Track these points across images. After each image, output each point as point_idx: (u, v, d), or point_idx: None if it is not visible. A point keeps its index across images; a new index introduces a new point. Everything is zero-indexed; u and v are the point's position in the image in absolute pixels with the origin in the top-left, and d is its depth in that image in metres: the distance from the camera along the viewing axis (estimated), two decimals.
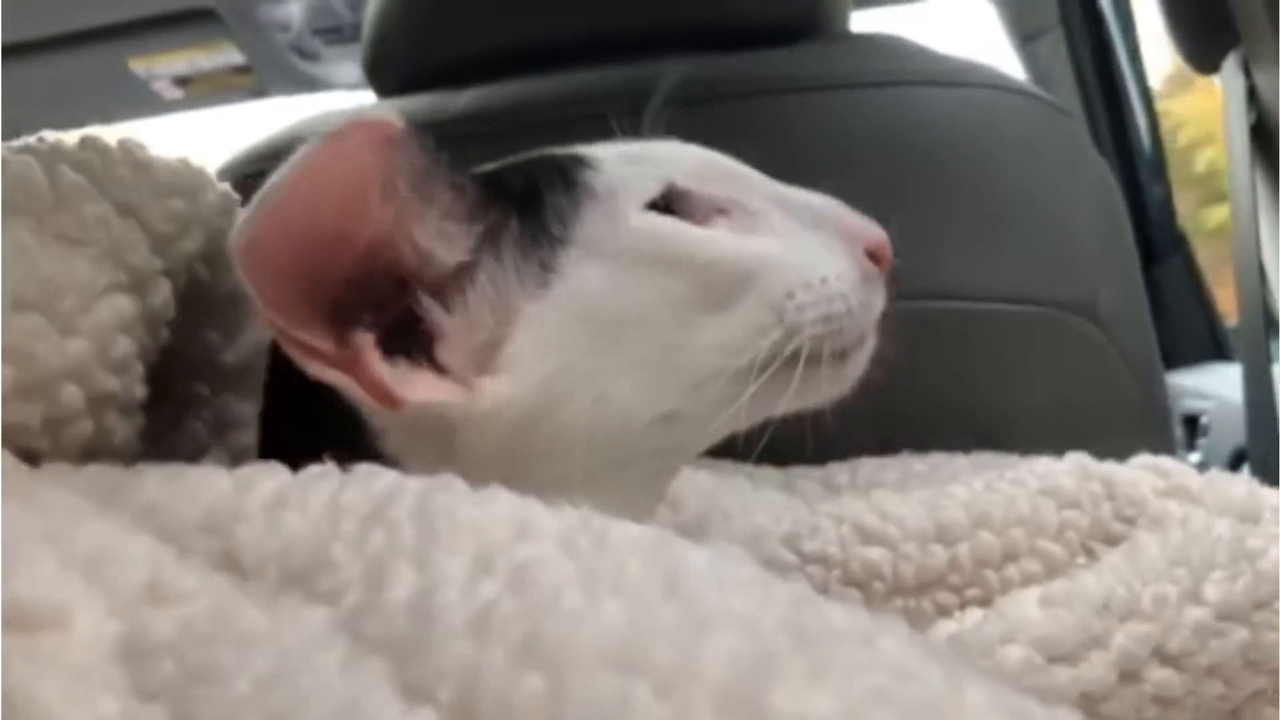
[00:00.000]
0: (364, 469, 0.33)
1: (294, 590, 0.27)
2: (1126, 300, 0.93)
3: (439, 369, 0.49)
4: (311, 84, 2.18)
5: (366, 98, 1.12)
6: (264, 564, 0.29)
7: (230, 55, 2.09)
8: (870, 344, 0.57)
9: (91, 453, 0.42)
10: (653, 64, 0.93)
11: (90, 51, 2.06)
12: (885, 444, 0.80)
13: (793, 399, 0.54)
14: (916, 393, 0.84)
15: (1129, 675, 0.51)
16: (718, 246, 0.53)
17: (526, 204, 0.53)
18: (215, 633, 0.25)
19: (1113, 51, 2.02)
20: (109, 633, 0.26)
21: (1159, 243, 2.04)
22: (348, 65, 2.11)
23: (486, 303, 0.50)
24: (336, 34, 2.02)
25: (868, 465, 0.78)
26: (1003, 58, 2.02)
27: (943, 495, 0.60)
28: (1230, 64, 1.17)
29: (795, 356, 0.53)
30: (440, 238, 0.49)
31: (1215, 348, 2.05)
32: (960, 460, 0.78)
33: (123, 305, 0.45)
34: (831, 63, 0.95)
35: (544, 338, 0.50)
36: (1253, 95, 1.15)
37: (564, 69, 0.96)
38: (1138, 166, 2.06)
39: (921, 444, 0.81)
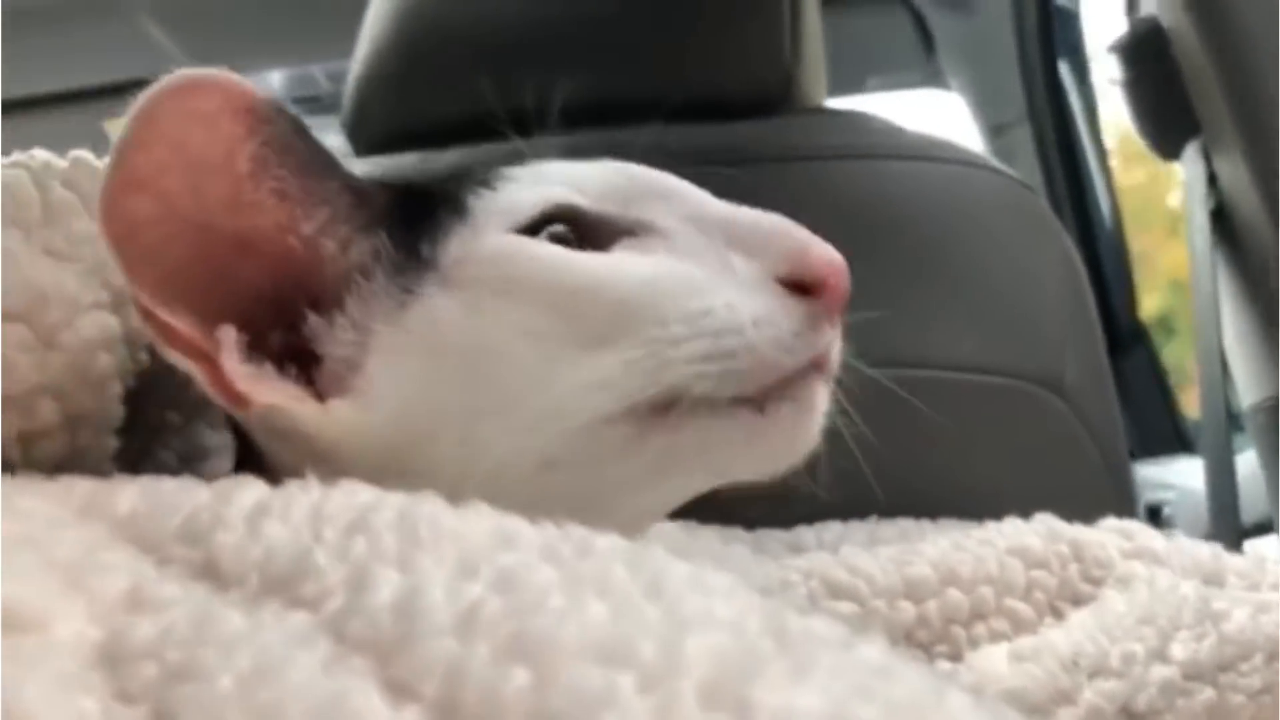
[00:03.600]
0: (345, 485, 0.33)
1: (275, 597, 0.27)
2: (1091, 375, 0.94)
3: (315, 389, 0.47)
4: None
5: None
6: (245, 572, 0.28)
7: None
8: (813, 399, 0.49)
9: (61, 470, 0.42)
10: (629, 130, 0.95)
11: (68, 113, 2.07)
12: (849, 510, 0.80)
13: (712, 458, 0.48)
14: (882, 460, 0.85)
15: None
16: (583, 273, 0.47)
17: (411, 220, 0.50)
18: (196, 636, 0.25)
19: (1079, 147, 2.06)
20: (89, 638, 0.26)
21: (1122, 335, 2.06)
22: (326, 135, 2.12)
23: (351, 321, 0.47)
24: (316, 103, 2.04)
25: (834, 528, 0.78)
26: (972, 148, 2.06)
27: (911, 552, 0.61)
28: (1191, 151, 1.20)
29: (686, 399, 0.46)
30: (330, 237, 0.47)
31: (1177, 440, 2.07)
32: (927, 526, 0.79)
33: (106, 323, 0.44)
34: (799, 135, 0.98)
35: (398, 366, 0.47)
36: (1213, 181, 1.18)
37: (545, 132, 0.97)
38: (1102, 261, 2.09)
39: (886, 510, 0.82)
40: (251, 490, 0.33)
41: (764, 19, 0.98)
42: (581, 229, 0.50)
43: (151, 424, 0.53)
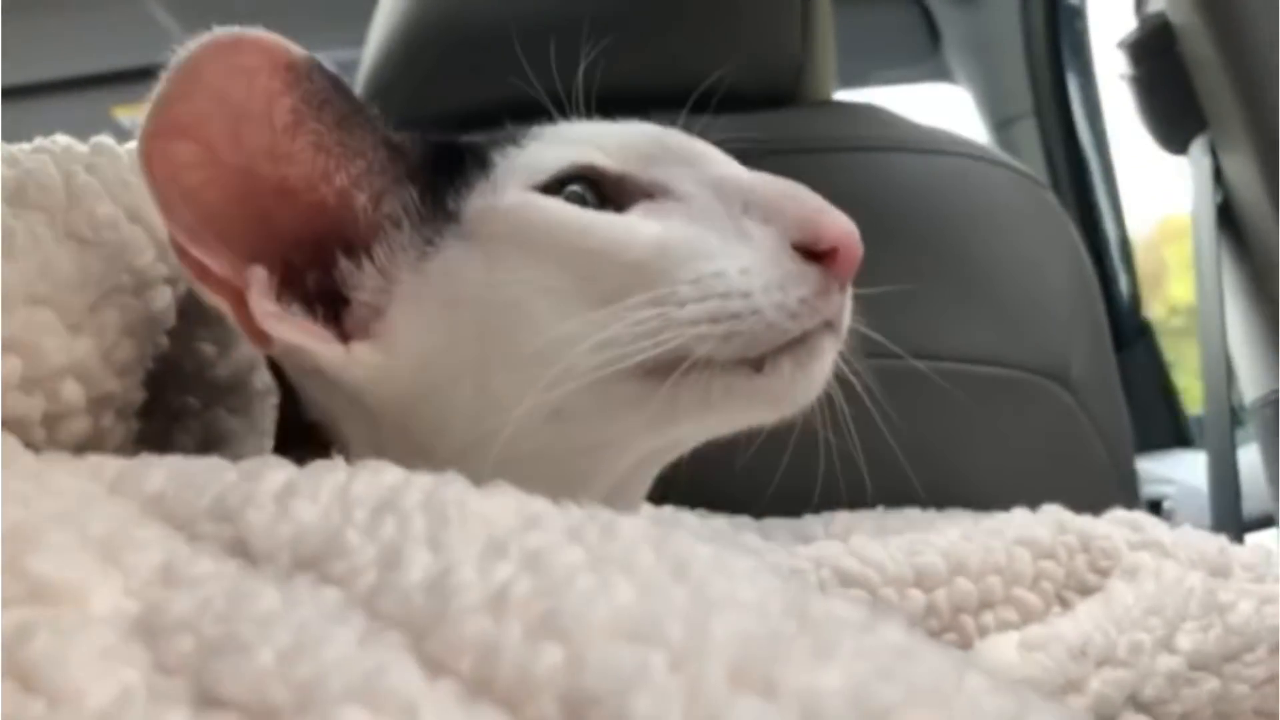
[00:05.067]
0: (370, 464, 0.33)
1: (307, 574, 0.28)
2: (1097, 367, 0.94)
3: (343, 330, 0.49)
4: None
5: None
6: (276, 549, 0.29)
7: None
8: (816, 356, 0.49)
9: (84, 451, 0.42)
10: (646, 121, 0.95)
11: (74, 99, 2.07)
12: (857, 498, 0.81)
13: (712, 412, 0.49)
14: (888, 449, 0.85)
15: None
16: (600, 233, 0.48)
17: (439, 174, 0.51)
18: (233, 611, 0.25)
19: (1083, 142, 2.07)
20: (126, 611, 0.26)
21: (1124, 330, 2.06)
22: None
23: (378, 267, 0.49)
24: None
25: (841, 518, 0.78)
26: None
27: (921, 542, 0.61)
28: (1198, 146, 1.20)
29: (692, 358, 0.47)
30: (363, 189, 0.49)
31: (1177, 435, 2.07)
32: (934, 516, 0.79)
33: (129, 306, 0.45)
34: (812, 127, 0.98)
35: (420, 314, 0.48)
36: (1218, 178, 1.18)
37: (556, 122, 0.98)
38: (1105, 255, 2.09)
39: (894, 499, 0.82)
40: (279, 470, 0.33)
41: (776, 11, 0.98)
42: (602, 188, 0.51)
43: (172, 408, 0.54)
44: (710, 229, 0.49)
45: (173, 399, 0.54)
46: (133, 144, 0.49)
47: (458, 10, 1.02)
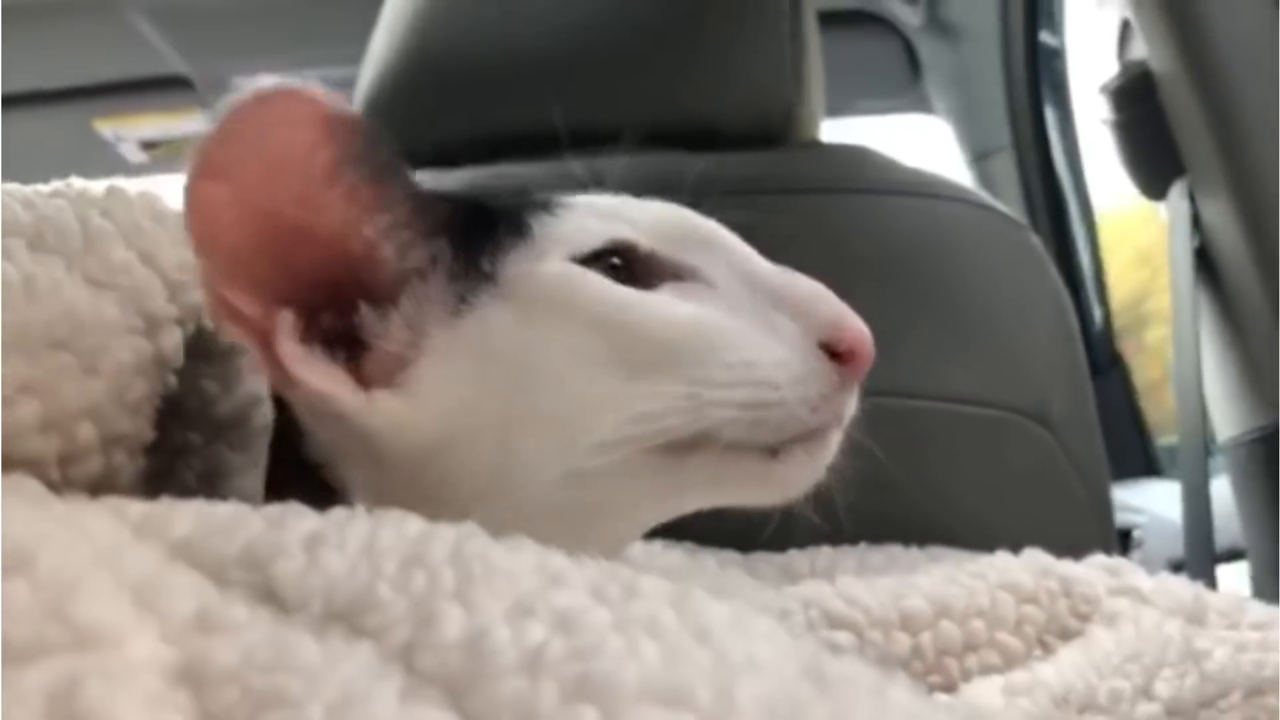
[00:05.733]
0: (393, 513, 0.34)
1: (339, 625, 0.28)
2: (1077, 409, 0.96)
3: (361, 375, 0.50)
4: None
5: None
6: (307, 599, 0.29)
7: (201, 123, 2.08)
8: (825, 447, 0.53)
9: (96, 490, 0.43)
10: (634, 159, 0.96)
11: (55, 110, 2.07)
12: (838, 533, 0.82)
13: (722, 490, 0.52)
14: (871, 486, 0.86)
15: None
16: (639, 311, 0.50)
17: (471, 234, 0.52)
18: (277, 662, 0.26)
19: (1058, 175, 2.10)
20: (164, 659, 0.26)
21: (1098, 360, 2.09)
22: None
23: (406, 319, 0.50)
24: None
25: (825, 554, 0.80)
26: (956, 174, 2.09)
27: (906, 585, 0.63)
28: (1176, 191, 1.23)
29: (715, 440, 0.49)
30: (390, 241, 0.50)
31: (1148, 464, 2.10)
32: (915, 553, 0.81)
33: (141, 348, 0.46)
34: (799, 167, 1.00)
35: (450, 368, 0.49)
36: (1196, 222, 1.21)
37: (551, 156, 0.99)
38: (1080, 286, 2.12)
39: (875, 536, 0.84)
40: (305, 519, 0.33)
41: (768, 52, 0.99)
42: (632, 264, 0.52)
43: (175, 444, 0.55)
44: (743, 318, 0.51)
45: (176, 435, 0.54)
46: (142, 186, 0.50)
47: (459, 42, 1.03)
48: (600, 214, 0.54)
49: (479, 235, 0.52)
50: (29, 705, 0.24)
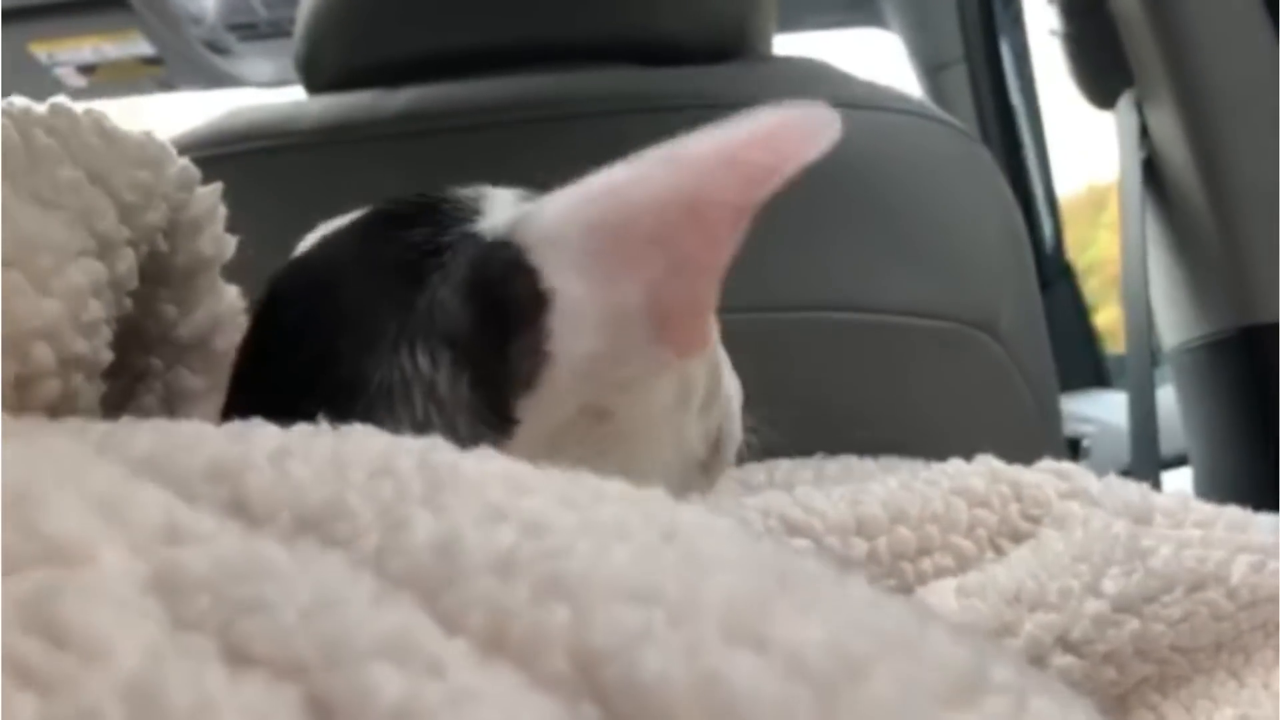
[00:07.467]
0: (359, 428, 0.34)
1: (309, 535, 0.29)
2: (1026, 319, 0.97)
3: None
4: (222, 80, 2.14)
5: (276, 95, 1.13)
6: (275, 510, 0.29)
7: (139, 46, 2.04)
8: None
9: (55, 413, 0.42)
10: (585, 74, 0.96)
11: None
12: (796, 446, 0.83)
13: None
14: (824, 399, 0.88)
15: (1036, 661, 0.55)
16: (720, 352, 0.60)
17: None
18: (249, 570, 0.26)
19: (1009, 89, 2.10)
20: (136, 569, 0.26)
21: (1047, 272, 2.12)
22: (261, 62, 2.08)
23: None
24: (251, 30, 1.99)
25: (783, 465, 0.81)
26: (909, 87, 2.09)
27: (862, 492, 0.64)
28: (1124, 102, 1.24)
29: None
30: None
31: (1096, 375, 2.14)
32: (869, 464, 0.82)
33: (94, 269, 0.45)
34: (752, 83, 0.99)
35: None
36: (1144, 132, 1.22)
37: (498, 73, 0.98)
38: (1030, 201, 2.14)
39: (830, 447, 0.85)
40: (270, 434, 0.34)
41: None
42: None
43: (136, 368, 0.54)
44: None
45: (136, 359, 0.54)
46: (90, 105, 0.49)
47: None
48: None
49: None
50: (5, 618, 0.24)
